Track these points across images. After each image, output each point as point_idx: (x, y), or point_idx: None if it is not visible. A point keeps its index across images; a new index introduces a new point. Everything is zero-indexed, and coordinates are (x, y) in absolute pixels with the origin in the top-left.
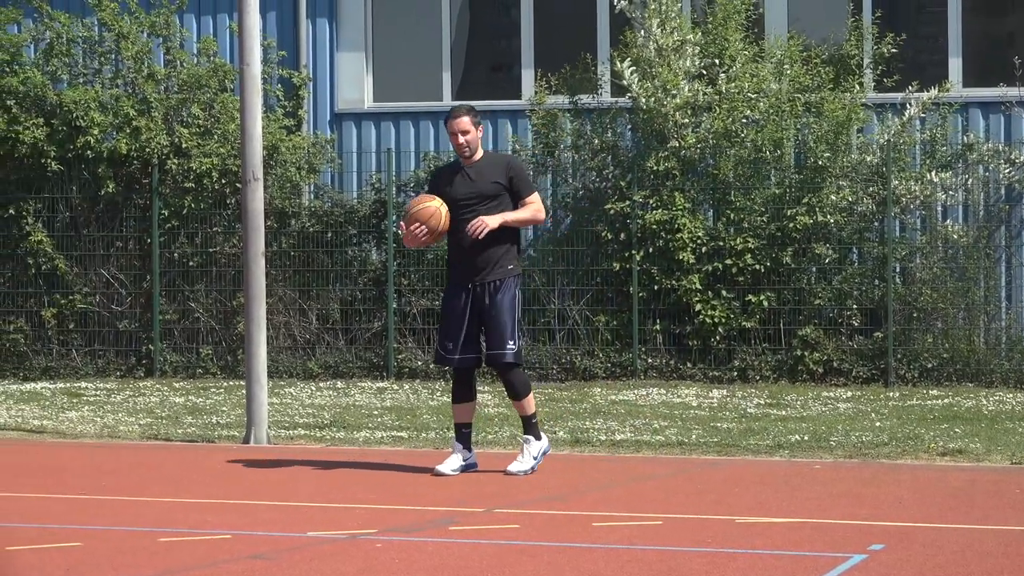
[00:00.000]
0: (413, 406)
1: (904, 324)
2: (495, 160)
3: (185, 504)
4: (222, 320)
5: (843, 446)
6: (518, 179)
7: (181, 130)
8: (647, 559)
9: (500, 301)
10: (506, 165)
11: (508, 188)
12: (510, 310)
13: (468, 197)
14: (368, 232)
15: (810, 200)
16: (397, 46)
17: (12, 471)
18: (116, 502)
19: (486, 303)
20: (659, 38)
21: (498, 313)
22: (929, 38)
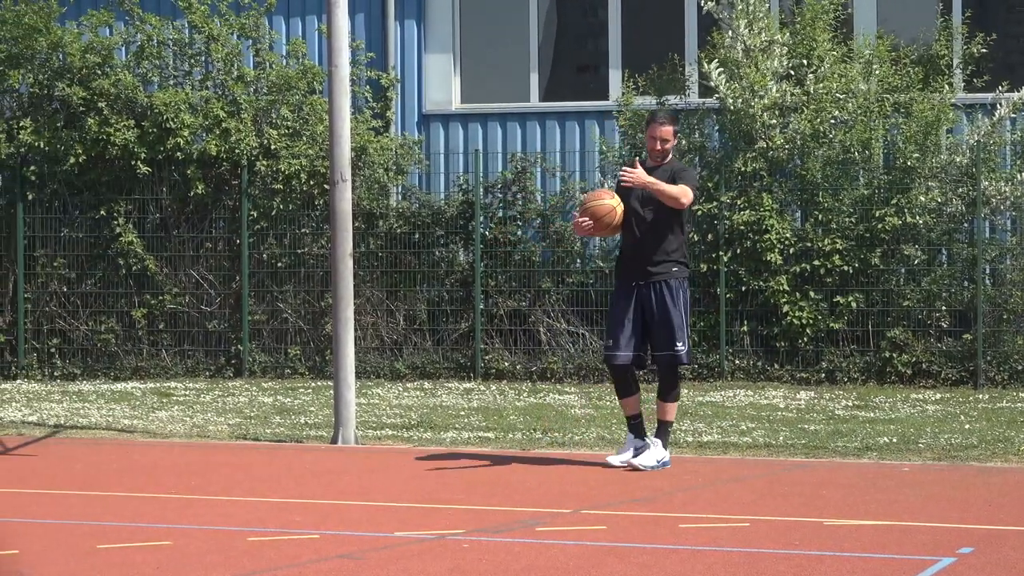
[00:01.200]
0: (500, 407)
1: (994, 326)
2: (674, 166)
3: (273, 504)
4: (310, 321)
5: (932, 448)
6: (678, 174)
7: (270, 131)
8: (733, 561)
9: (667, 302)
10: (679, 172)
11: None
12: (678, 311)
13: (639, 199)
14: (455, 233)
15: (899, 201)
16: (485, 47)
17: (103, 470)
18: (205, 501)
19: (652, 304)
20: (747, 39)
21: (665, 314)
22: (1020, 38)
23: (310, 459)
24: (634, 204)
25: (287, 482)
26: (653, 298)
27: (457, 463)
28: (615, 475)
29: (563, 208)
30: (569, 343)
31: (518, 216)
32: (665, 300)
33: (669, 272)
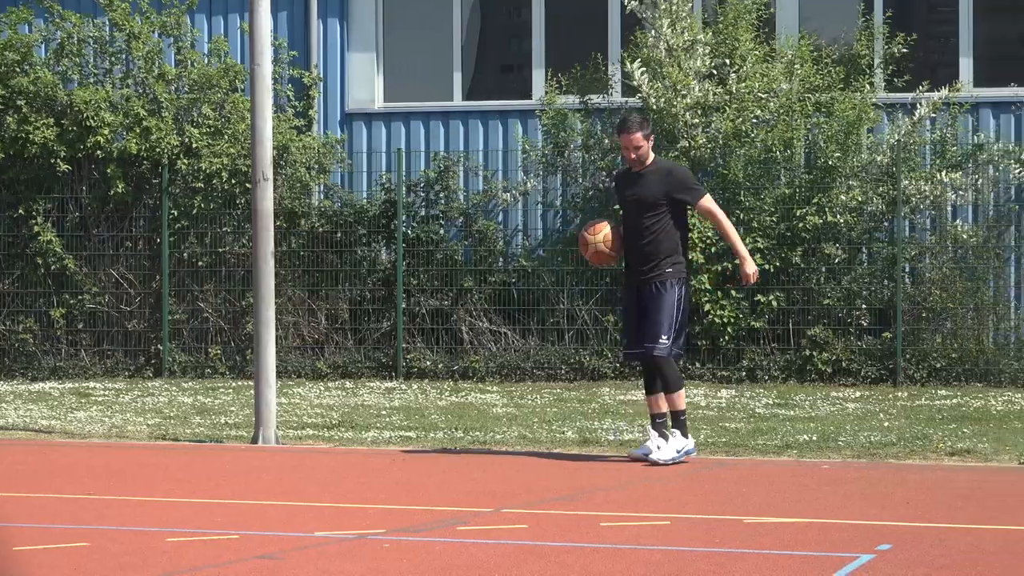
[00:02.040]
0: (421, 406)
1: (913, 324)
2: (661, 170)
3: (193, 504)
4: (231, 320)
5: (851, 446)
6: (677, 190)
7: (191, 130)
8: (654, 559)
9: (659, 299)
10: (667, 177)
11: (668, 199)
12: (668, 309)
13: (634, 204)
14: (378, 232)
15: (820, 200)
16: (408, 46)
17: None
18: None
19: (647, 301)
20: (669, 38)
21: (655, 311)
22: (940, 38)
23: (230, 459)
24: (629, 208)
25: (207, 482)
26: (646, 296)
27: (378, 463)
28: (536, 475)
29: (486, 207)
30: (491, 342)
31: (441, 215)
32: (654, 297)
33: (663, 272)
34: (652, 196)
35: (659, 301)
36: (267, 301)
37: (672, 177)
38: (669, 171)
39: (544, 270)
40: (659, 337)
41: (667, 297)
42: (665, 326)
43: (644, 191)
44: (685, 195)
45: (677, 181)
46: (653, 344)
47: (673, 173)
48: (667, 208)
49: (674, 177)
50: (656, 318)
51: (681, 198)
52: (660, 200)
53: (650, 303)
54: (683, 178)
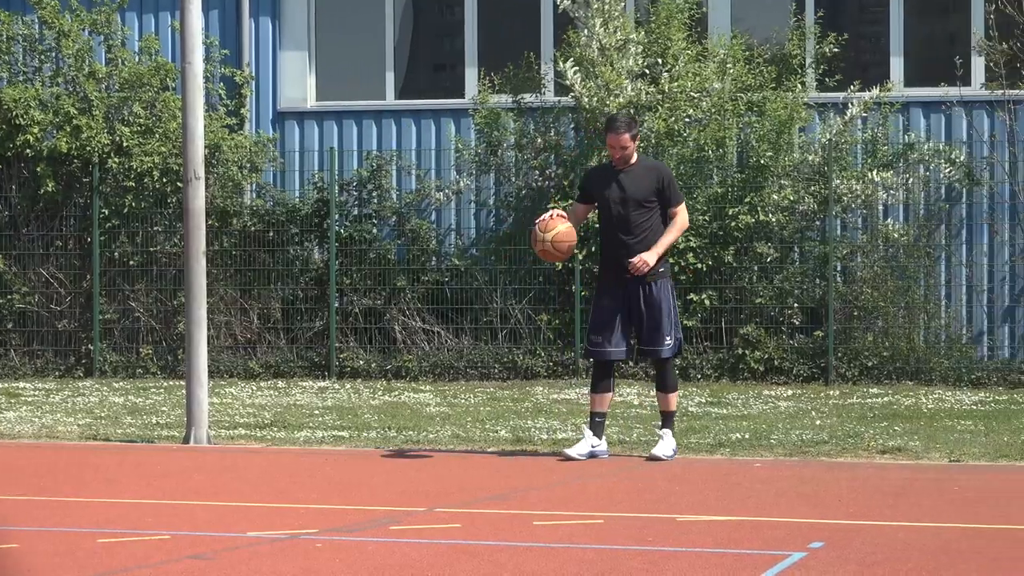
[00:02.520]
0: (354, 405)
1: (845, 323)
2: (648, 167)
3: (124, 505)
4: (162, 320)
5: (783, 444)
6: (668, 189)
7: (122, 129)
8: (587, 558)
9: (655, 302)
10: (658, 175)
11: (658, 196)
12: (667, 309)
13: (621, 202)
14: (310, 231)
15: (752, 199)
16: (340, 45)
17: None
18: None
19: (640, 303)
20: (602, 37)
21: (655, 313)
22: (871, 38)
23: (162, 459)
24: (615, 206)
25: (138, 483)
26: (641, 297)
27: (310, 462)
28: (469, 474)
29: (419, 206)
30: (424, 341)
31: (373, 214)
32: (651, 299)
33: (656, 272)
34: (643, 193)
35: (657, 302)
36: (199, 300)
37: (663, 174)
38: (658, 168)
39: (477, 269)
40: (665, 338)
41: (664, 297)
42: (668, 327)
43: (634, 188)
44: (673, 196)
45: (669, 180)
46: (660, 347)
47: (662, 171)
48: (657, 205)
49: (664, 175)
50: (659, 320)
51: (669, 196)
52: (651, 197)
53: (647, 305)
54: (673, 178)
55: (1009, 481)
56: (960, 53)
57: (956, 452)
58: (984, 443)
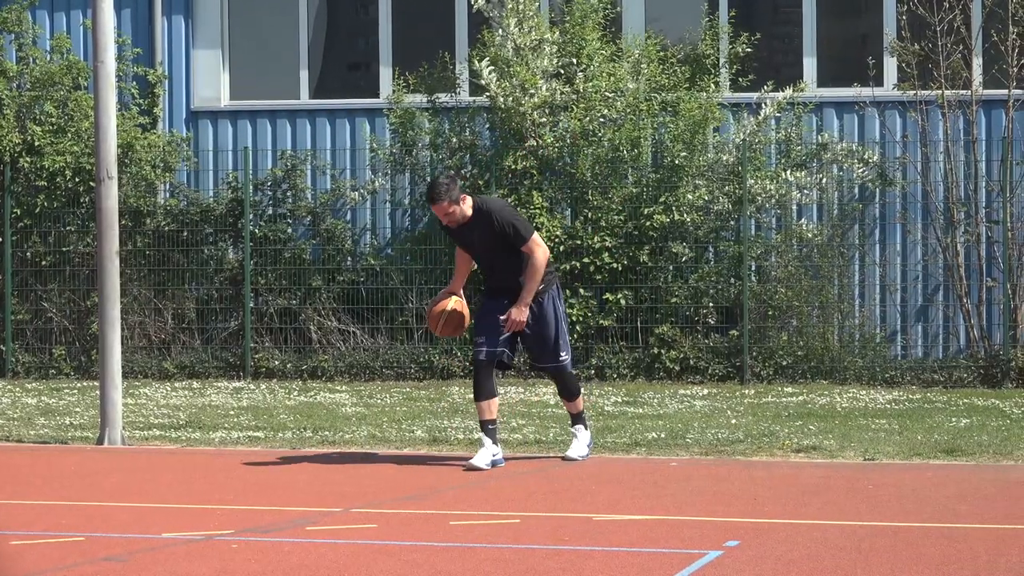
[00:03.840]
0: (270, 406)
1: (759, 322)
2: (484, 214)
3: (37, 506)
4: (76, 320)
5: (699, 443)
6: (505, 231)
7: (34, 128)
8: (504, 558)
9: (544, 318)
10: (491, 220)
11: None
12: (551, 322)
13: (479, 248)
14: (224, 231)
15: (667, 199)
16: (254, 44)
17: None
18: None
19: (529, 320)
20: (517, 37)
21: (544, 330)
22: (784, 38)
23: (75, 460)
24: (478, 250)
25: (52, 484)
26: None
27: (226, 463)
28: (385, 474)
29: (334, 206)
30: (340, 341)
31: (288, 214)
32: (540, 316)
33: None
34: (492, 238)
35: (546, 318)
36: (112, 301)
37: (498, 219)
38: (491, 214)
39: (393, 269)
40: (560, 354)
41: (547, 313)
42: (557, 341)
43: (484, 235)
44: (516, 236)
45: (504, 222)
46: (557, 362)
47: (496, 215)
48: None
49: (500, 219)
50: (549, 336)
51: (513, 237)
52: (500, 237)
53: (537, 322)
54: (508, 217)
55: (922, 479)
56: (873, 54)
57: (870, 451)
58: (898, 441)
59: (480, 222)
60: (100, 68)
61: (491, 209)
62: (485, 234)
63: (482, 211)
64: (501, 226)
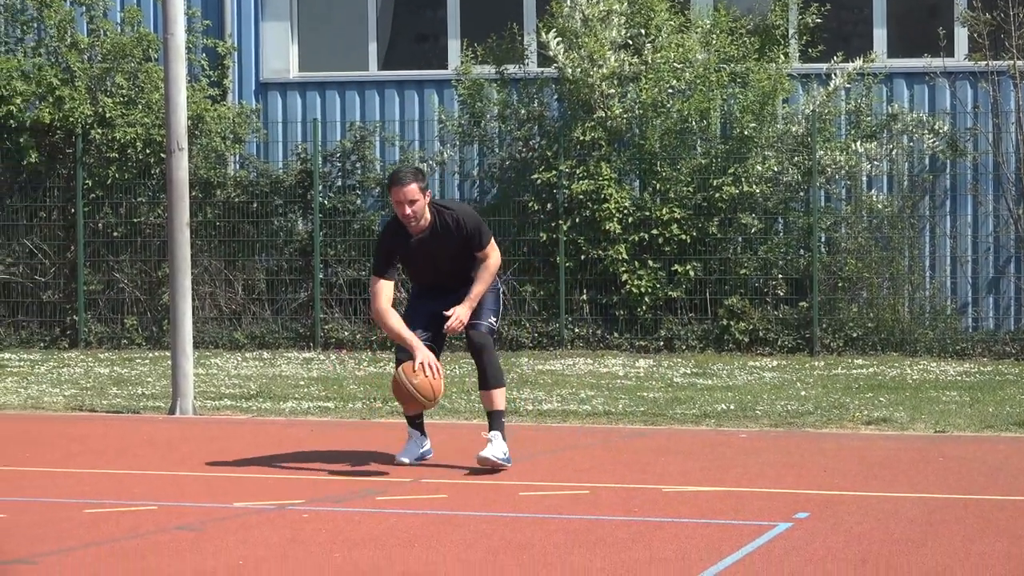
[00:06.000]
0: (339, 376)
1: (829, 294)
2: (444, 224)
3: (110, 475)
4: (147, 291)
5: (768, 415)
6: (470, 238)
7: (105, 100)
8: (574, 528)
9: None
10: (455, 229)
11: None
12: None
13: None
14: (294, 202)
15: (736, 170)
16: (323, 15)
17: None
18: (40, 473)
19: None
20: (585, 8)
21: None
22: (854, 8)
23: (148, 430)
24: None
25: (124, 454)
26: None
27: (296, 433)
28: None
29: None
30: None
31: (357, 185)
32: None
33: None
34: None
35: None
36: (183, 271)
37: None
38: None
39: None
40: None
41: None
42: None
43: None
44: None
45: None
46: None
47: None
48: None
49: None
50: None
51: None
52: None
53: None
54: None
55: (993, 452)
56: (943, 24)
57: (941, 423)
58: (969, 414)
59: (439, 236)
60: (170, 40)
61: (456, 219)
62: (447, 241)
63: (441, 220)
64: (469, 232)
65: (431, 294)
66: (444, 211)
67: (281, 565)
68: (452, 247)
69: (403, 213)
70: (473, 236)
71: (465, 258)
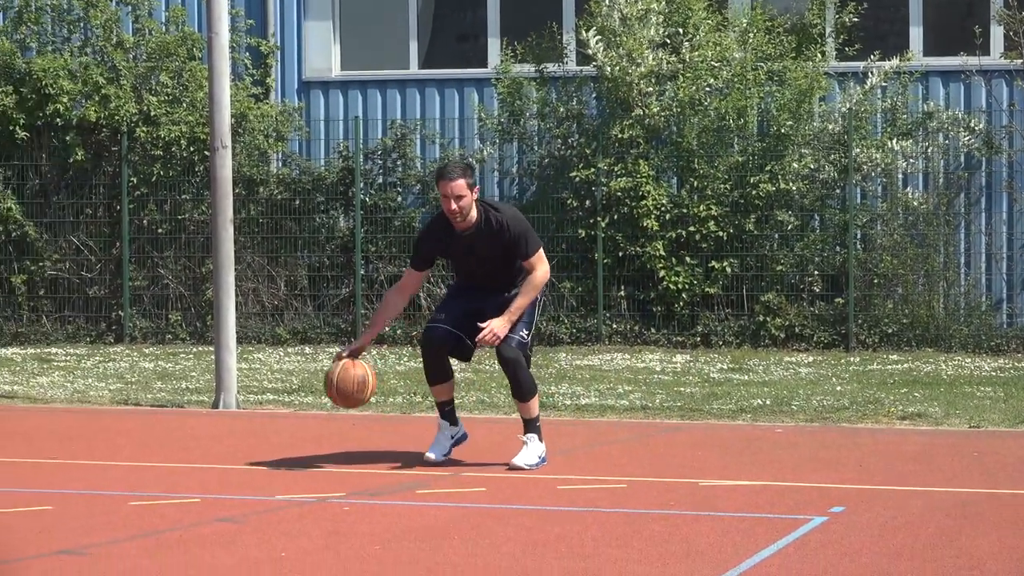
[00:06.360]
0: (380, 371)
1: (865, 290)
2: (489, 224)
3: (155, 468)
4: (191, 286)
5: (804, 410)
6: (515, 243)
7: (150, 98)
8: (611, 521)
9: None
10: (500, 231)
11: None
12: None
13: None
14: (336, 199)
15: (773, 168)
16: (364, 14)
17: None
18: (86, 466)
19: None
20: (623, 7)
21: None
22: (890, 7)
23: (192, 424)
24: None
25: (169, 447)
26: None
27: (338, 427)
28: (493, 439)
29: None
30: None
31: (398, 182)
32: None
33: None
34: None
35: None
36: (227, 267)
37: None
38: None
39: None
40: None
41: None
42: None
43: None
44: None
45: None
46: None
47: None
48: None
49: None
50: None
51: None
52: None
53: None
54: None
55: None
56: (979, 22)
57: (976, 418)
58: (1003, 409)
59: (483, 237)
60: (214, 39)
61: (502, 223)
62: (491, 242)
63: (488, 222)
64: (514, 237)
65: (470, 292)
66: (491, 211)
67: (322, 557)
68: (495, 249)
69: (449, 208)
70: (518, 242)
71: (508, 262)
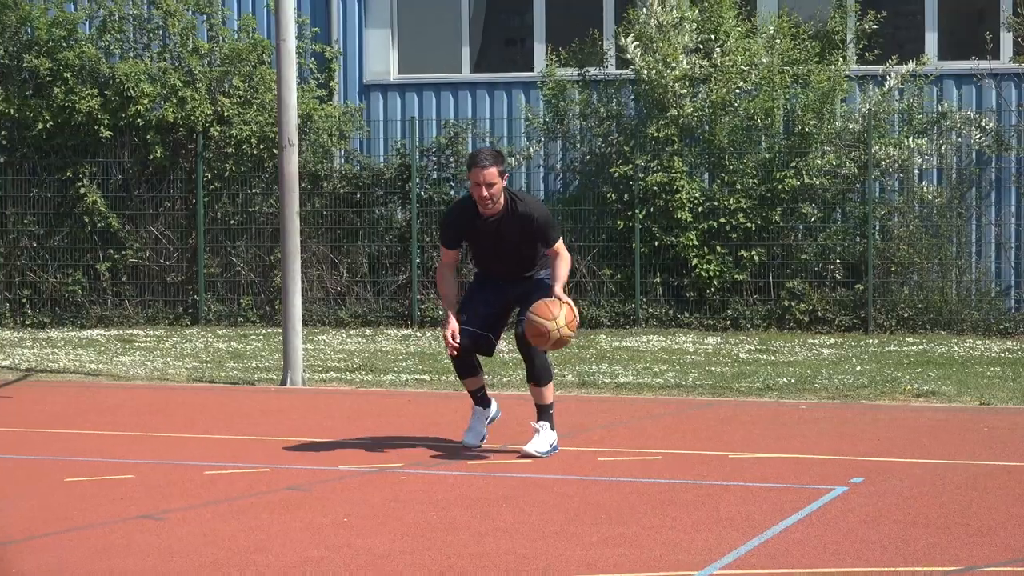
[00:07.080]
0: (434, 352)
1: (883, 277)
2: (516, 212)
3: (228, 440)
4: (261, 273)
5: (826, 388)
6: (539, 231)
7: (223, 100)
8: (648, 490)
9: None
10: (525, 219)
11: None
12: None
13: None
14: (394, 193)
15: (797, 164)
16: (420, 22)
17: (71, 410)
18: (164, 439)
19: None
20: (659, 15)
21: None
22: (907, 15)
23: (261, 400)
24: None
25: (240, 421)
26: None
27: (396, 403)
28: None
29: None
30: None
31: (451, 178)
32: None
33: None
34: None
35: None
36: (293, 256)
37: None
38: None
39: None
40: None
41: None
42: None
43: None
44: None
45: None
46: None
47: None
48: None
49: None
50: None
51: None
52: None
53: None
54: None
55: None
56: (990, 29)
57: (986, 396)
58: (1012, 388)
59: (511, 225)
60: (282, 46)
61: (530, 212)
62: (516, 228)
63: (515, 210)
64: (540, 225)
65: (490, 286)
66: (517, 200)
67: (382, 522)
68: (519, 235)
69: (480, 195)
70: (543, 229)
71: (529, 249)
